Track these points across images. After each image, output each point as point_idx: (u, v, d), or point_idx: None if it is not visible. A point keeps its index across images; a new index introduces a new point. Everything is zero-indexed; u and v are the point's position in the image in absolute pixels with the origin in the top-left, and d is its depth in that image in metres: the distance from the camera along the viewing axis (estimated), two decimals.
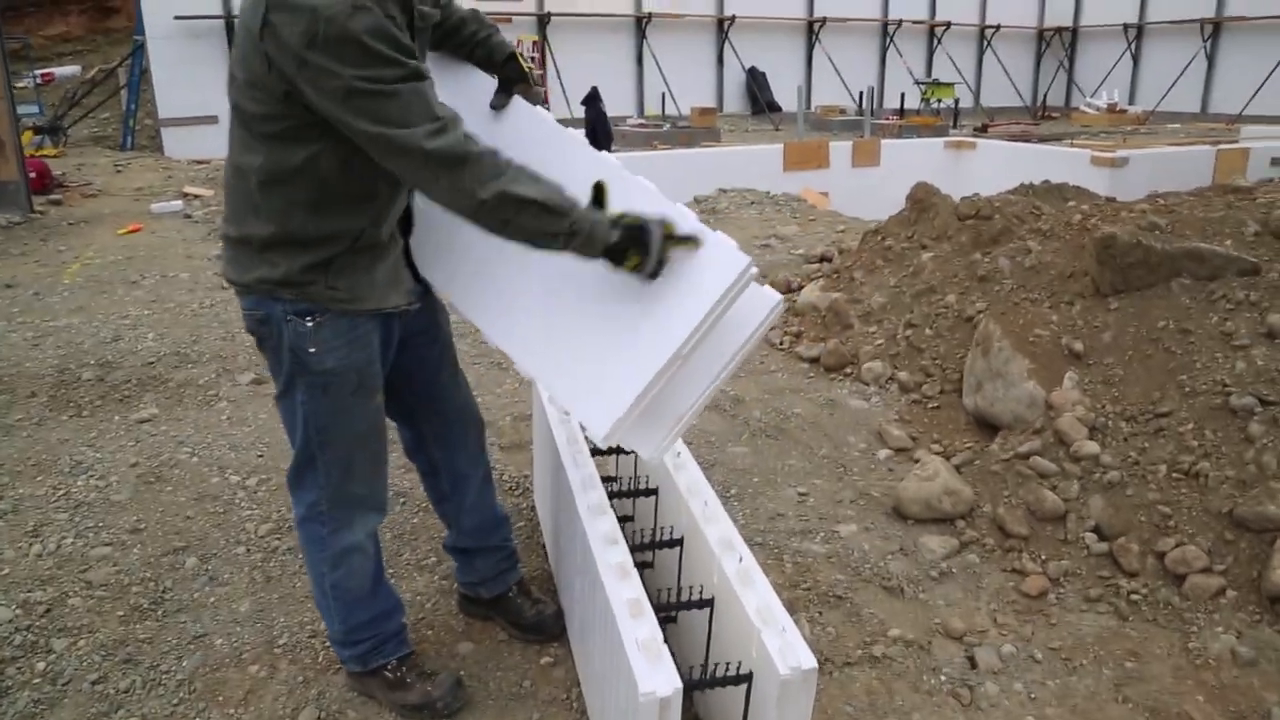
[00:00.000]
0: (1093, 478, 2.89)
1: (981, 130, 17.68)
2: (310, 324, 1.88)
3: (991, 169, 12.27)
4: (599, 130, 14.38)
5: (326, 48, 1.57)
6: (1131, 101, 23.13)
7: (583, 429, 2.23)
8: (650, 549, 2.33)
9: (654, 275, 1.82)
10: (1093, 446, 2.95)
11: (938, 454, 3.41)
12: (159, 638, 2.58)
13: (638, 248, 1.76)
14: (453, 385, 2.33)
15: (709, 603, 2.04)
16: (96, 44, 20.69)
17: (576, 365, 1.91)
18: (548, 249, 1.77)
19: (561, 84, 18.46)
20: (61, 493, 3.31)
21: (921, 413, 3.77)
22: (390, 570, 2.87)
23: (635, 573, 1.91)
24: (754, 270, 1.79)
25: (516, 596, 2.55)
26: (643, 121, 18.63)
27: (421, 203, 2.10)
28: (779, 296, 1.94)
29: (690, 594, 2.08)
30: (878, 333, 4.41)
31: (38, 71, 16.98)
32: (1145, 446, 2.92)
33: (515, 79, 2.13)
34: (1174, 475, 2.78)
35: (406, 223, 2.06)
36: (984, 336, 3.58)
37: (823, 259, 6.25)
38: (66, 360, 4.49)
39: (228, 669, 2.47)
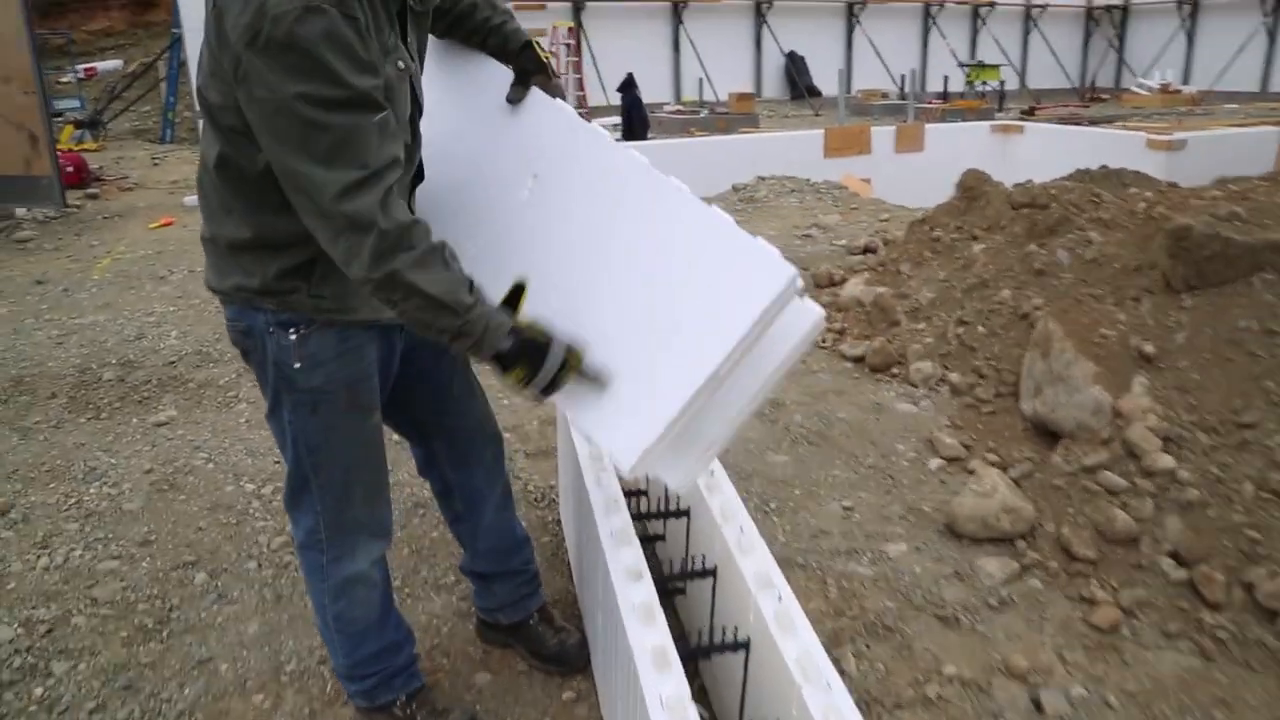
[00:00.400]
0: (1168, 495, 2.63)
1: (1028, 113, 17.17)
2: (294, 336, 1.71)
3: (1041, 153, 11.81)
4: (634, 117, 14.19)
5: (267, 51, 1.37)
6: (1185, 81, 22.35)
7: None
8: (682, 579, 2.13)
9: (542, 395, 1.66)
10: (1168, 460, 2.69)
11: (993, 464, 3.17)
12: (162, 661, 2.44)
13: (527, 365, 1.61)
14: (466, 399, 2.14)
15: (744, 646, 1.84)
16: (137, 38, 20.93)
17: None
18: (434, 339, 1.62)
19: (597, 70, 18.26)
20: (73, 501, 3.20)
21: (975, 418, 3.52)
22: (406, 589, 2.71)
23: (661, 615, 1.71)
24: (799, 283, 1.58)
25: (537, 624, 2.37)
26: (679, 108, 18.37)
27: (423, 203, 1.91)
28: (821, 311, 1.72)
29: (724, 635, 1.88)
30: (926, 330, 4.16)
31: (80, 66, 17.17)
32: (1228, 461, 2.65)
33: (533, 69, 1.93)
34: (1263, 495, 2.51)
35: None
36: (1043, 337, 3.31)
37: (866, 250, 5.99)
38: (89, 359, 4.40)
39: (231, 698, 2.32)
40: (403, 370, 1.98)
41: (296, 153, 1.43)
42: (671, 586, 2.23)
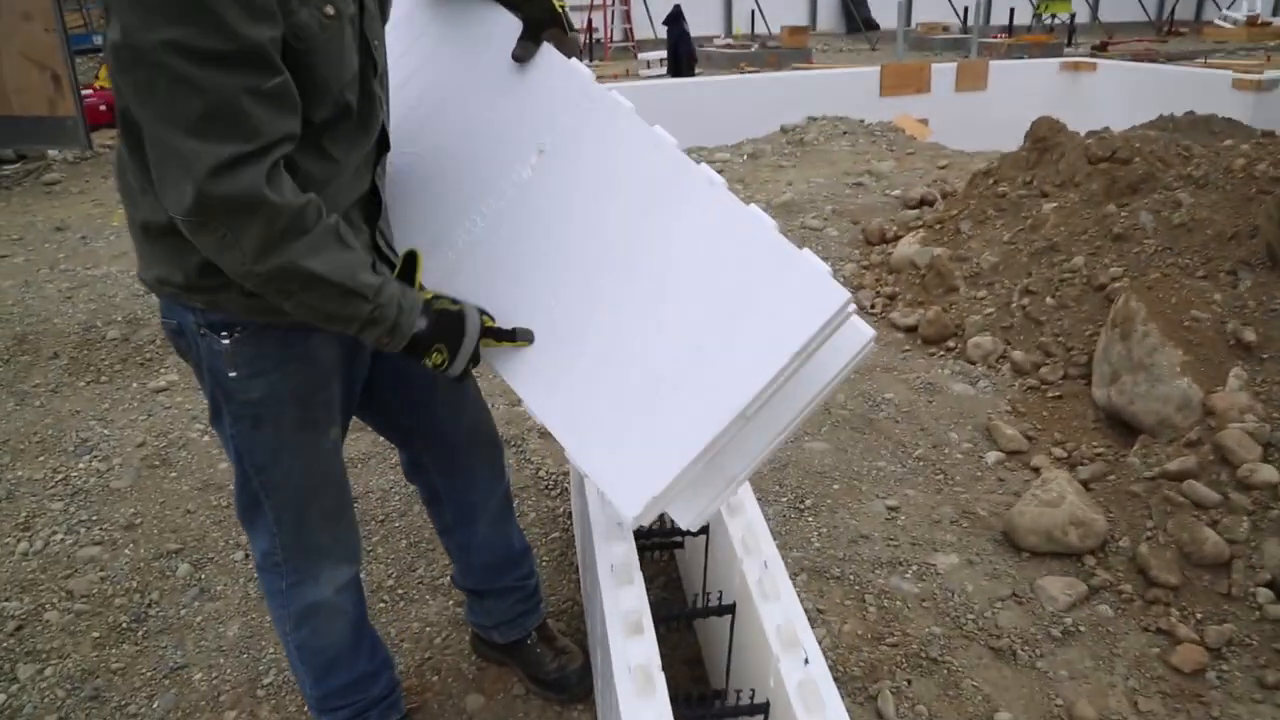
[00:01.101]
0: (1269, 515, 2.27)
1: (1100, 49, 16.13)
2: (227, 341, 1.42)
3: (1115, 94, 11.05)
4: (681, 52, 13.61)
5: None
6: (1275, 12, 20.84)
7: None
8: (696, 616, 1.84)
9: (460, 378, 1.51)
10: (1270, 473, 2.32)
11: (1059, 460, 2.82)
12: (133, 668, 2.25)
13: (445, 343, 1.45)
14: (456, 401, 1.85)
15: (762, 709, 1.56)
16: None
17: (602, 418, 1.42)
18: (340, 331, 1.40)
19: (645, 1, 17.56)
20: (60, 477, 3.01)
21: (1039, 403, 3.15)
22: (399, 590, 2.48)
23: (662, 680, 1.43)
24: (851, 308, 1.26)
25: (536, 644, 2.12)
26: (730, 42, 17.65)
27: (401, 181, 1.60)
28: (871, 333, 1.39)
29: (739, 698, 1.60)
30: (988, 299, 3.77)
31: None
32: None
33: (545, 20, 1.60)
34: None
35: (371, 205, 1.54)
36: (1124, 316, 2.92)
37: (923, 202, 5.53)
38: (95, 316, 4.21)
39: (202, 713, 2.12)
40: (376, 369, 1.69)
41: (161, 116, 1.13)
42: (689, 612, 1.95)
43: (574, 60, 1.61)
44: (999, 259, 3.93)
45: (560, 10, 1.62)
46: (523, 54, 1.61)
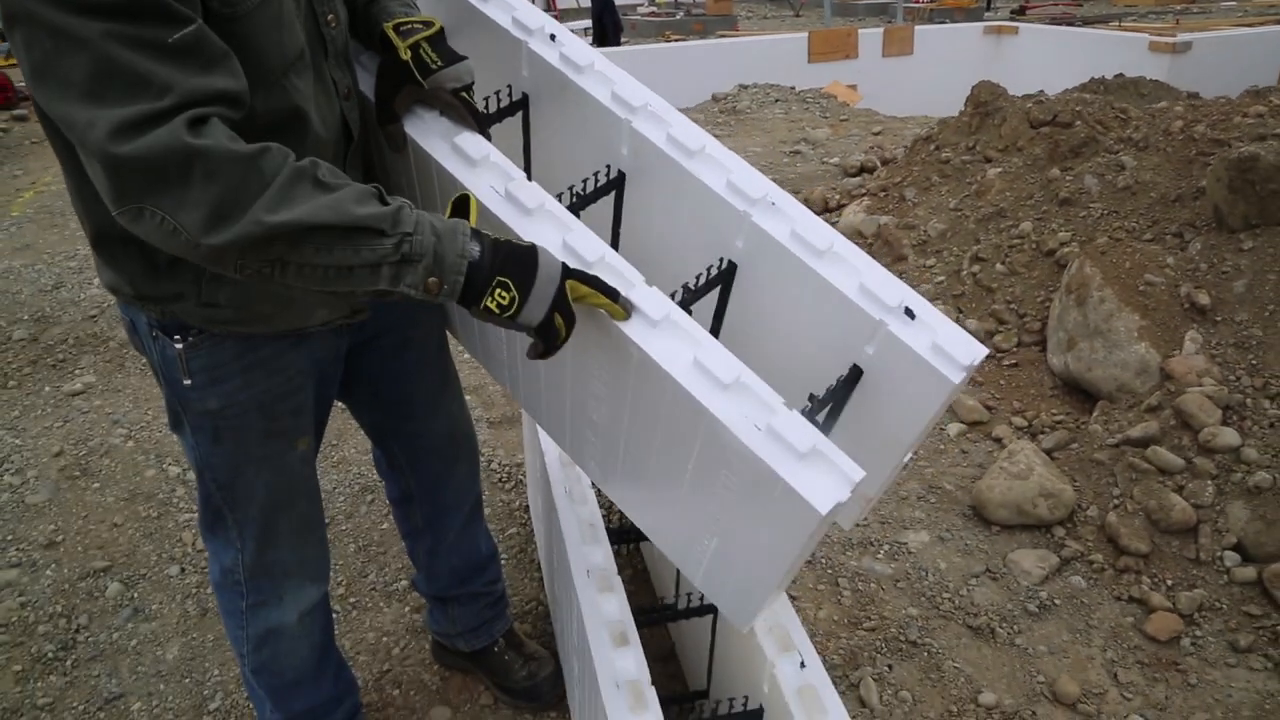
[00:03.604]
0: (1232, 478, 2.28)
1: (1019, 13, 16.37)
2: (179, 346, 1.26)
3: (1038, 58, 11.18)
4: (607, 22, 13.36)
5: None
6: None
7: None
8: (678, 617, 1.75)
9: (545, 350, 1.09)
10: (1231, 435, 2.33)
11: (1020, 429, 2.80)
12: (62, 702, 2.07)
13: (511, 277, 1.03)
14: (436, 402, 1.71)
15: (756, 716, 1.48)
16: None
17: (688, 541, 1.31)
18: (363, 292, 1.04)
19: None
20: None
21: (996, 371, 3.13)
22: (351, 598, 2.34)
23: (653, 695, 1.34)
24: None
25: (504, 651, 2.01)
26: (654, 10, 17.42)
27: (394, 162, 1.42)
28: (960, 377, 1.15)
29: (731, 705, 1.51)
30: (937, 267, 3.74)
31: None
32: None
33: (398, 83, 1.26)
34: None
35: None
36: (1079, 282, 2.91)
37: (863, 169, 5.51)
38: None
39: None
40: (351, 368, 1.54)
41: (48, 84, 0.92)
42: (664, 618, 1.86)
43: (465, 133, 1.26)
44: (946, 226, 3.91)
45: (422, 53, 1.25)
46: (392, 142, 1.31)
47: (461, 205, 1.12)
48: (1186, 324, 2.67)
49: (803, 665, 1.40)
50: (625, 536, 2.03)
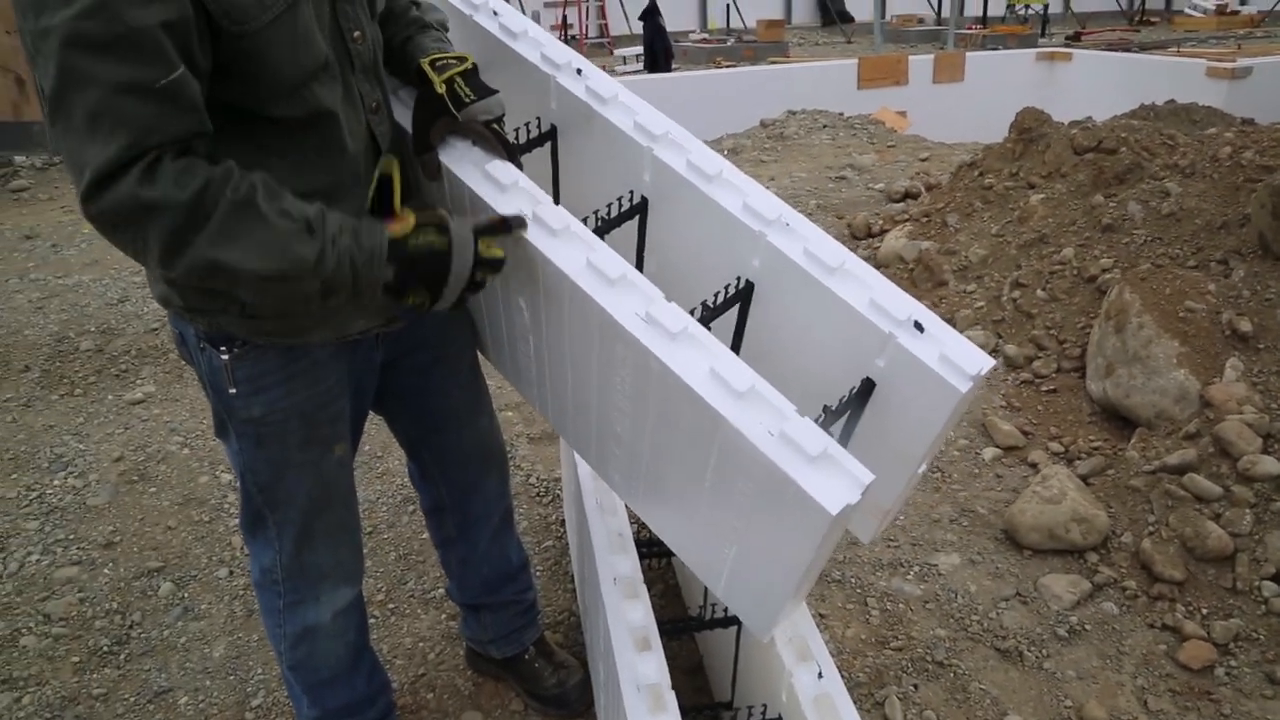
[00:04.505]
0: (1272, 507, 2.25)
1: (1074, 39, 16.23)
2: (226, 356, 1.35)
3: (1091, 84, 11.09)
4: (657, 47, 13.56)
5: None
6: (1243, 1, 21.05)
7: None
8: (703, 627, 1.78)
9: (458, 303, 1.31)
10: (1271, 464, 2.30)
11: (1057, 455, 2.79)
12: (115, 693, 2.17)
13: (423, 286, 1.27)
14: (467, 415, 1.78)
15: None
16: None
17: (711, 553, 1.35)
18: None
19: None
20: (35, 495, 2.91)
21: (1034, 397, 3.12)
22: (390, 605, 2.41)
23: (672, 699, 1.38)
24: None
25: (534, 659, 2.06)
26: (705, 36, 17.61)
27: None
28: (965, 386, 1.19)
29: (750, 714, 1.55)
30: (977, 292, 3.74)
31: None
32: None
33: (434, 114, 1.36)
34: None
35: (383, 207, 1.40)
36: (1118, 308, 2.90)
37: (907, 195, 5.51)
38: (68, 326, 4.10)
39: None
40: (386, 383, 1.62)
41: (50, 120, 1.03)
42: (689, 628, 1.90)
43: (496, 162, 1.34)
44: (988, 252, 3.91)
45: (458, 88, 1.34)
46: (428, 171, 1.41)
47: (384, 184, 1.28)
48: (1227, 351, 2.64)
49: (820, 675, 1.43)
50: (656, 550, 2.08)
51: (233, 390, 1.38)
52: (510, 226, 1.27)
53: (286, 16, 1.13)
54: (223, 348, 1.35)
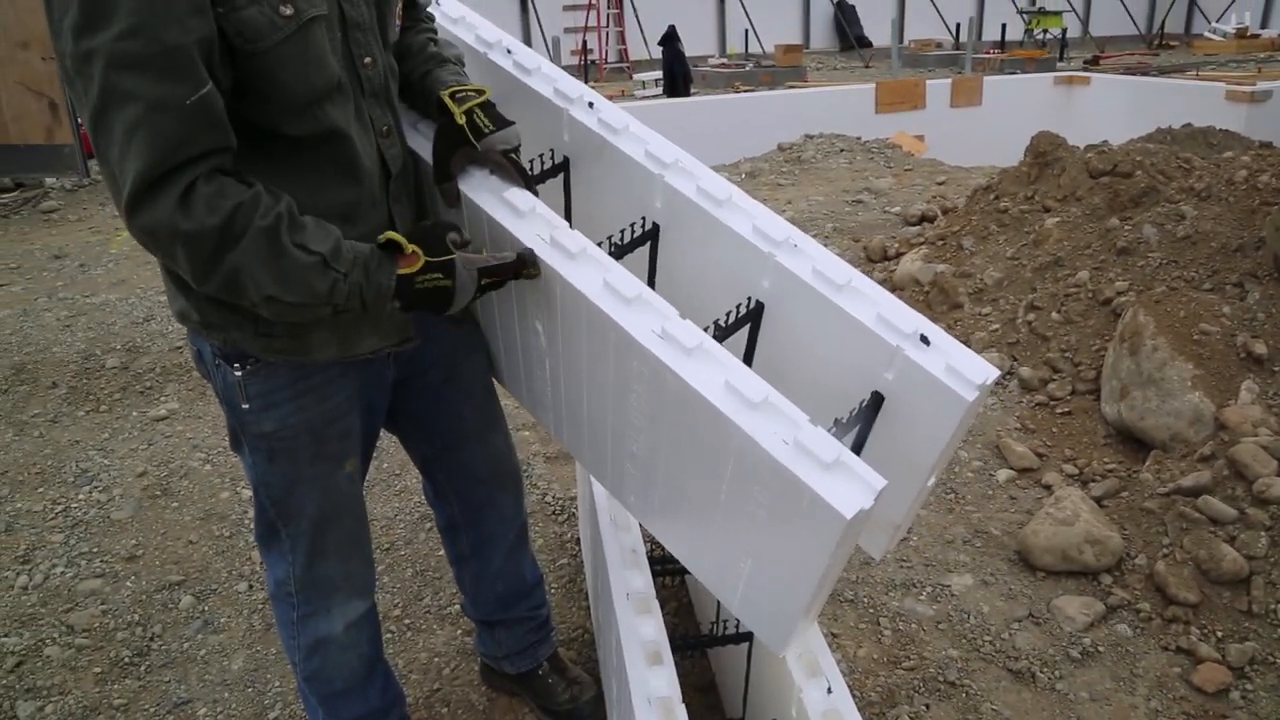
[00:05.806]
0: None
1: (1093, 63, 16.24)
2: (239, 373, 1.40)
3: (1109, 108, 11.09)
4: (677, 72, 13.67)
5: None
6: (1264, 25, 21.00)
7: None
8: (714, 644, 1.80)
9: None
10: None
11: (1071, 477, 2.79)
12: (136, 704, 2.21)
13: (432, 311, 1.36)
14: (480, 433, 1.82)
15: None
16: None
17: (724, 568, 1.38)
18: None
19: (639, 21, 17.67)
20: (61, 508, 2.97)
21: (1049, 419, 3.13)
22: (406, 620, 2.44)
23: (683, 712, 1.40)
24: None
25: (548, 675, 2.08)
26: (724, 61, 17.74)
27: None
28: (971, 395, 1.22)
29: None
30: (992, 315, 3.75)
31: None
32: None
33: (454, 144, 1.41)
34: None
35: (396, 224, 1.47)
36: (1132, 330, 2.90)
37: (923, 219, 5.54)
38: (94, 344, 4.18)
39: None
40: (398, 401, 1.66)
41: (92, 131, 1.10)
42: (700, 644, 1.92)
43: (513, 189, 1.39)
44: (1003, 275, 3.92)
45: (474, 116, 1.39)
46: (447, 199, 1.47)
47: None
48: (1242, 374, 2.64)
49: (829, 691, 1.45)
50: (670, 567, 2.10)
51: (245, 405, 1.43)
52: (519, 272, 1.34)
53: (297, 38, 1.18)
54: (236, 364, 1.40)
